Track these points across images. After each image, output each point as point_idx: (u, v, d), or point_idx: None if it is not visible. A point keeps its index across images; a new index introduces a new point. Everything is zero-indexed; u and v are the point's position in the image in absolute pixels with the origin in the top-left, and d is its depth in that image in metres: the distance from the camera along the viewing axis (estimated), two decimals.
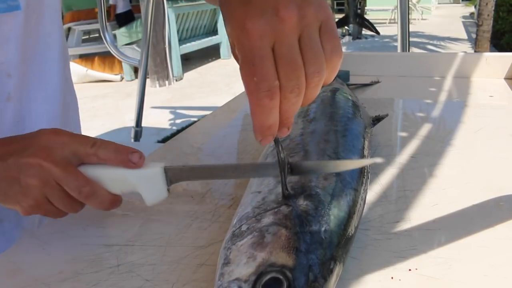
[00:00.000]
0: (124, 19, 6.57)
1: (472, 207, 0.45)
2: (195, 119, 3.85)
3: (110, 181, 0.41)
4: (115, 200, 0.42)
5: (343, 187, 0.39)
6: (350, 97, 0.63)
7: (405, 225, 0.42)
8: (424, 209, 0.45)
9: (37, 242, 0.44)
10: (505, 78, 0.92)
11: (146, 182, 0.40)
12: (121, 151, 0.41)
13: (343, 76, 0.86)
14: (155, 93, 5.38)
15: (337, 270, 0.33)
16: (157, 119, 4.24)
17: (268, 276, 0.29)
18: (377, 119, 0.63)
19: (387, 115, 0.65)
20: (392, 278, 0.35)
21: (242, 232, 0.33)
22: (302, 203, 0.36)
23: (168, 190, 0.41)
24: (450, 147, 0.60)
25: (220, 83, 5.71)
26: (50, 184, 0.40)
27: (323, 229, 0.34)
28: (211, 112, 0.85)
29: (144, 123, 2.11)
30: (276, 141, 0.36)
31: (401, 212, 0.44)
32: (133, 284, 0.36)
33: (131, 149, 0.41)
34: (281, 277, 0.29)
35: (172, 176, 0.40)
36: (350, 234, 0.36)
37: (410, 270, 0.36)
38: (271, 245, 0.31)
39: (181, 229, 0.44)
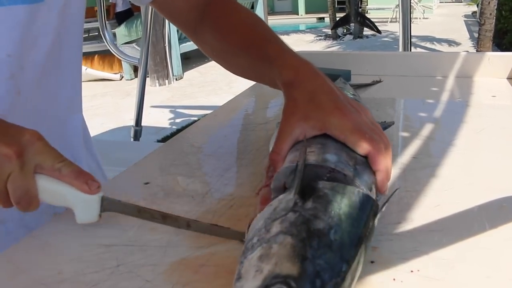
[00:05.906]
0: (124, 17, 6.55)
1: (474, 208, 0.45)
2: (195, 118, 3.85)
3: (50, 193, 0.43)
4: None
5: (354, 183, 0.38)
6: (353, 96, 0.63)
7: (407, 226, 0.42)
8: (426, 210, 0.44)
9: (37, 243, 0.43)
10: (508, 78, 0.91)
11: (82, 204, 0.43)
12: (83, 174, 0.43)
13: (344, 76, 0.86)
14: (155, 92, 5.38)
15: (352, 272, 0.32)
16: (157, 118, 4.24)
17: None
18: (383, 128, 0.62)
19: (393, 123, 0.64)
20: (394, 279, 0.35)
21: (253, 245, 0.33)
22: (310, 206, 0.34)
23: (100, 215, 0.44)
24: (452, 148, 0.59)
25: (221, 82, 5.70)
26: (3, 178, 0.41)
27: (332, 230, 0.32)
28: (211, 111, 0.85)
29: (144, 122, 2.10)
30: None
31: (403, 213, 0.44)
32: (133, 284, 0.36)
33: (93, 177, 0.44)
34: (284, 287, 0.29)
35: (106, 205, 0.44)
36: (365, 232, 0.34)
37: (412, 271, 0.36)
38: (276, 255, 0.30)
39: (181, 229, 0.43)
